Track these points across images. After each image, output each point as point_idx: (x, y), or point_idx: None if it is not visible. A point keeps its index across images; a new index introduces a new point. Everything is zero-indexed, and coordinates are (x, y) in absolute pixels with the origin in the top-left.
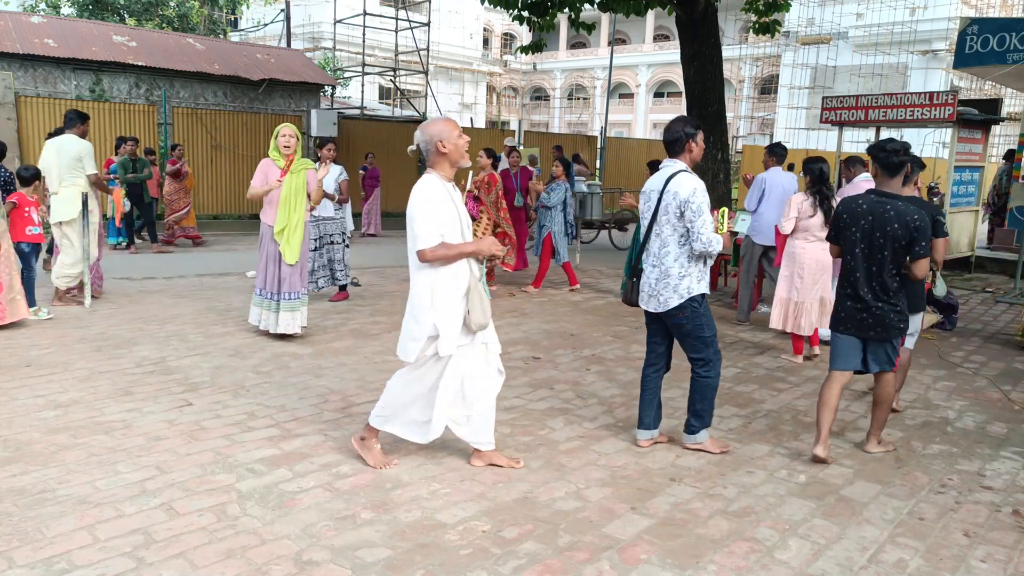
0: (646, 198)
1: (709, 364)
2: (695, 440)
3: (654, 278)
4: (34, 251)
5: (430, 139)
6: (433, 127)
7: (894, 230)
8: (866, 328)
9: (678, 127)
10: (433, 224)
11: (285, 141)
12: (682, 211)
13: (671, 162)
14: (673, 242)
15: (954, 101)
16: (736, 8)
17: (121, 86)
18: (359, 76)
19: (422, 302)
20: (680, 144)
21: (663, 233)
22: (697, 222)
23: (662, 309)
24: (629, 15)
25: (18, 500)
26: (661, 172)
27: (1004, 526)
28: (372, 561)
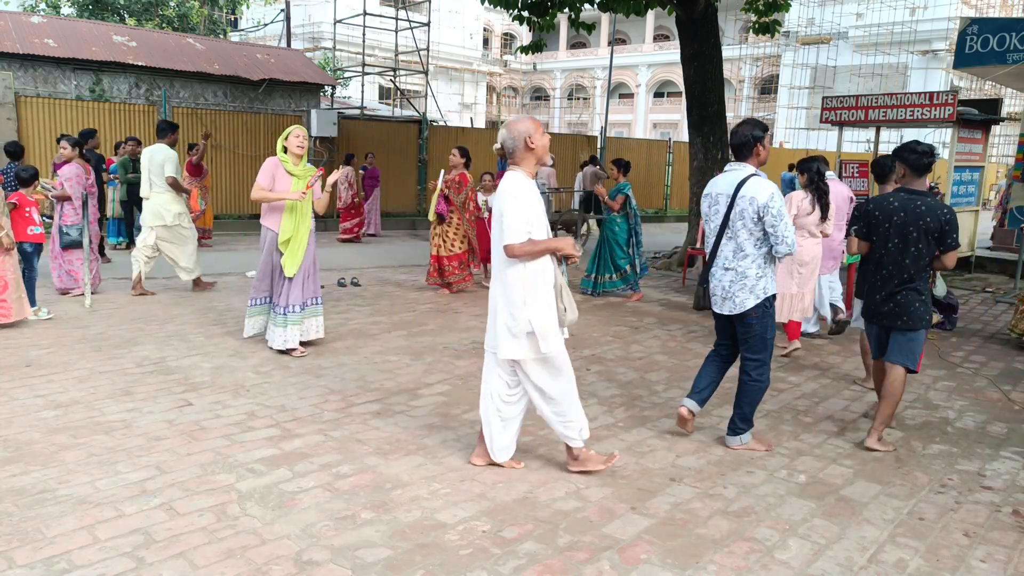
0: (711, 201)
1: (764, 367)
2: (741, 442)
3: (728, 281)
4: (36, 251)
5: (519, 135)
6: (521, 124)
7: (927, 224)
8: (894, 317)
9: (746, 131)
10: (522, 220)
11: (300, 142)
12: (760, 216)
13: (739, 165)
14: (749, 245)
15: (954, 101)
16: (736, 8)
17: (121, 86)
18: (359, 76)
19: (516, 298)
20: (748, 148)
21: (738, 237)
22: (780, 226)
23: (738, 311)
24: (629, 15)
25: (18, 500)
26: (729, 175)
27: (1004, 526)
28: (372, 561)
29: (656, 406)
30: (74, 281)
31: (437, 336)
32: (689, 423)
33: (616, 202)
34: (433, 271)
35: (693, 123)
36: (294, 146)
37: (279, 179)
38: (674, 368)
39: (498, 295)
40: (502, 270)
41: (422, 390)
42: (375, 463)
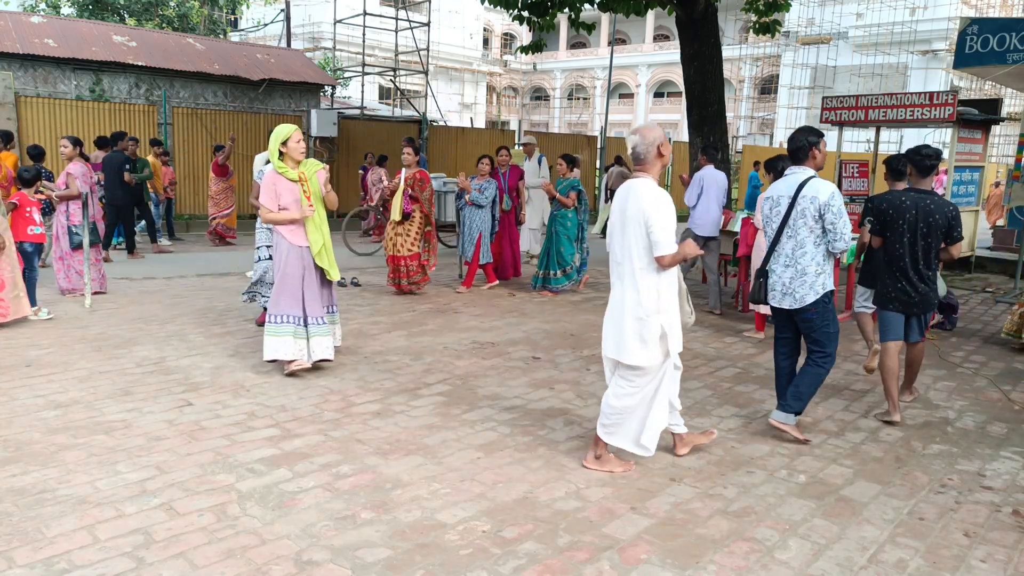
0: (773, 203)
1: (829, 358)
2: (785, 419)
3: (788, 277)
4: (36, 251)
5: (652, 143)
6: (653, 132)
7: (936, 220)
8: (912, 306)
9: (802, 136)
10: (672, 230)
11: (300, 147)
12: (821, 213)
13: (798, 169)
14: (809, 243)
15: (954, 101)
16: (736, 8)
17: (121, 86)
18: (359, 76)
19: (650, 305)
20: (804, 151)
21: (799, 235)
22: (839, 223)
23: (798, 305)
24: (629, 15)
25: (18, 500)
26: (789, 179)
27: (1004, 526)
28: (372, 561)
29: None
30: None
31: (437, 336)
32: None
33: (570, 199)
34: (391, 272)
35: (693, 123)
36: (296, 151)
37: (283, 192)
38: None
39: (626, 303)
40: (635, 278)
41: (422, 390)
42: (375, 463)
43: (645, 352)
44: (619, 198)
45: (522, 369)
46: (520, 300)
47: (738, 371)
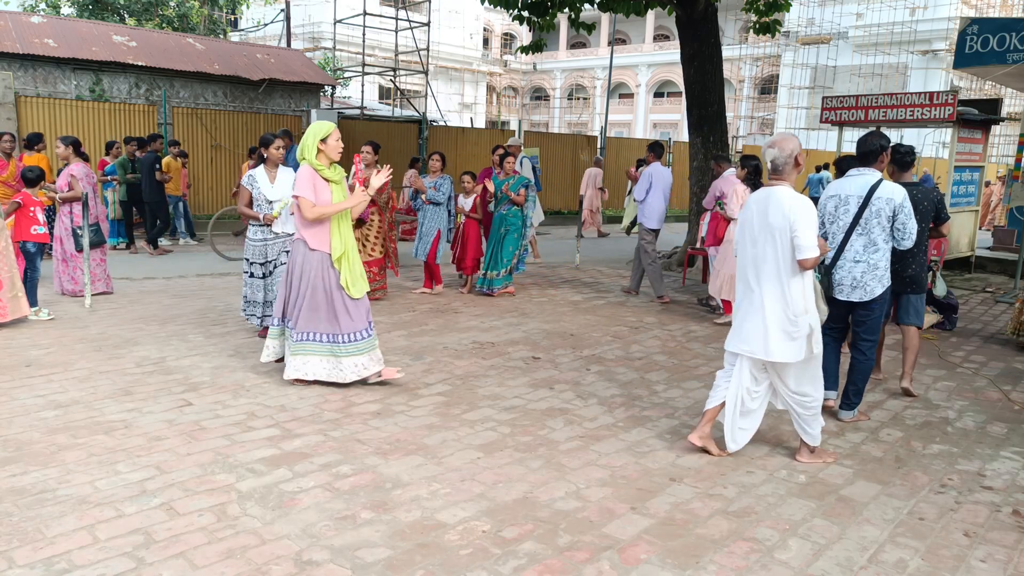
0: (840, 201)
1: (874, 346)
2: (853, 415)
3: (859, 271)
4: (39, 251)
5: (790, 153)
6: (791, 143)
7: (925, 207)
8: (905, 285)
9: (875, 140)
10: (815, 234)
11: (339, 146)
12: (895, 213)
13: (867, 170)
14: (881, 240)
15: (954, 101)
16: (736, 8)
17: (121, 86)
18: (359, 76)
19: (799, 306)
20: (876, 155)
21: (871, 233)
22: (909, 223)
23: (868, 297)
24: (629, 15)
25: (18, 500)
26: (858, 179)
27: (1004, 526)
28: (372, 561)
29: (656, 406)
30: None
31: (437, 336)
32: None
33: (520, 196)
34: None
35: (693, 123)
36: (334, 150)
37: (320, 189)
38: (674, 368)
39: (770, 304)
40: (782, 281)
41: (422, 390)
42: (375, 463)
43: (792, 349)
44: (757, 205)
45: (522, 369)
46: (520, 300)
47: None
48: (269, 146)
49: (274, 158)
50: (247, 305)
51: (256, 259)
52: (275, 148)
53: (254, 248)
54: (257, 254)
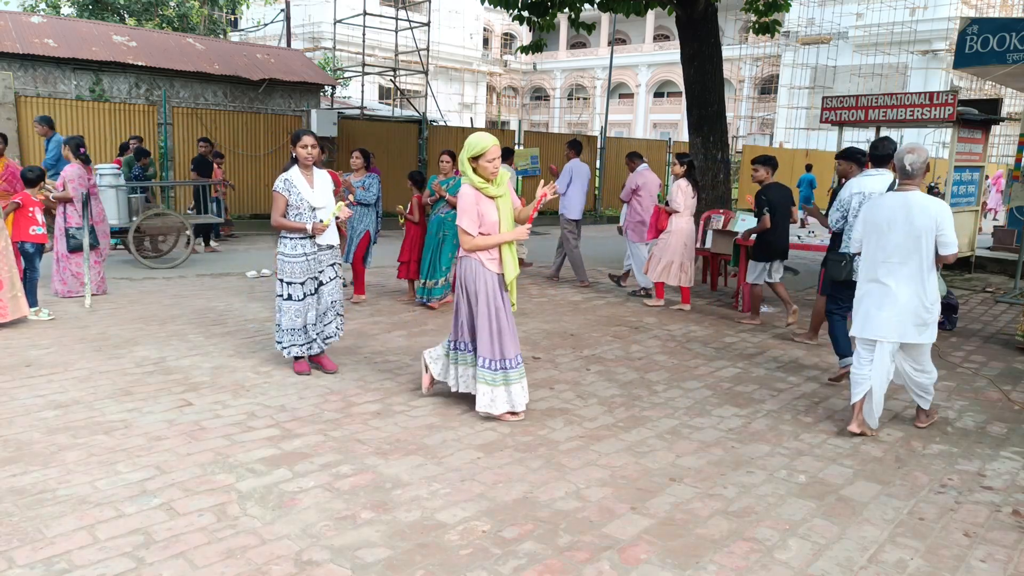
0: (865, 197)
1: None
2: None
3: None
4: (38, 251)
5: (924, 161)
6: (924, 152)
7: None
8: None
9: (888, 145)
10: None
11: (493, 166)
12: None
13: (884, 170)
14: None
15: (954, 101)
16: (736, 8)
17: (121, 86)
18: (359, 76)
19: (933, 296)
20: (889, 158)
21: None
22: None
23: None
24: (629, 15)
25: (18, 500)
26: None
27: (1004, 526)
28: (372, 561)
29: (656, 406)
30: (80, 285)
31: (437, 336)
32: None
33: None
34: None
35: (693, 123)
36: (488, 172)
37: (485, 211)
38: (674, 368)
39: (907, 295)
40: (923, 275)
41: (422, 390)
42: (375, 463)
43: (926, 334)
44: (895, 207)
45: None
46: (520, 300)
47: (738, 371)
48: (296, 144)
49: (303, 159)
50: (286, 335)
51: (298, 277)
52: (302, 147)
53: (295, 265)
54: (300, 271)
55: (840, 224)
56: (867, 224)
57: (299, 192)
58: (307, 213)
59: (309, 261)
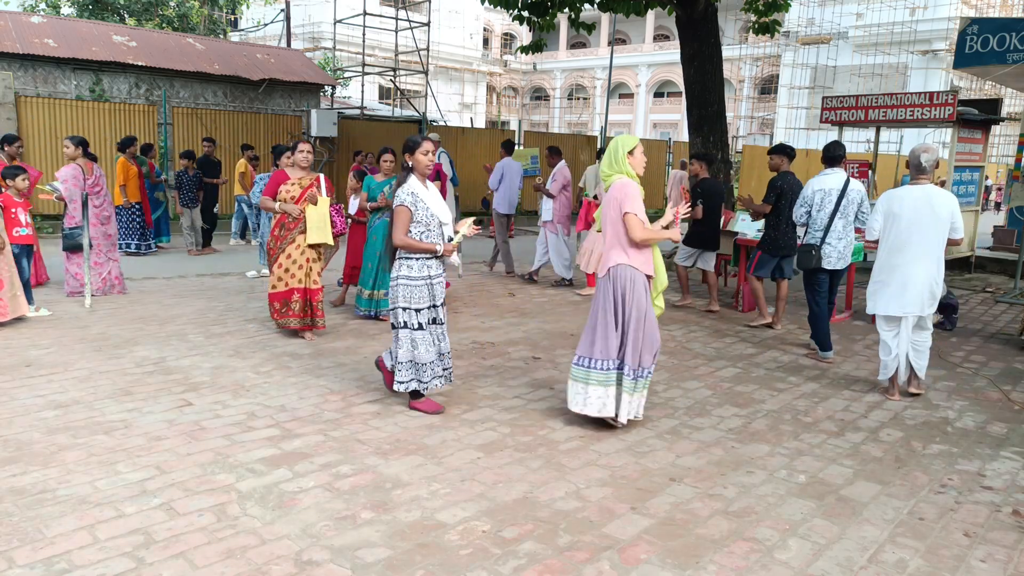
0: (825, 193)
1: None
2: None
3: (843, 246)
4: (24, 252)
5: (936, 158)
6: (936, 151)
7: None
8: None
9: (839, 149)
10: None
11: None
12: (861, 202)
13: (838, 169)
14: (853, 222)
15: (954, 101)
16: (736, 8)
17: (121, 86)
18: (359, 76)
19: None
20: (841, 159)
21: (848, 216)
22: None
23: (844, 266)
24: (629, 15)
25: (18, 500)
26: (832, 177)
27: (1004, 526)
28: (372, 561)
29: (656, 406)
30: (79, 285)
31: None
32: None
33: None
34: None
35: (693, 123)
36: (640, 165)
37: (642, 207)
38: (674, 368)
39: (926, 274)
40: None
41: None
42: (375, 463)
43: (935, 304)
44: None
45: (522, 369)
46: (520, 300)
47: (738, 371)
48: (416, 150)
49: (424, 168)
50: (421, 369)
51: (424, 303)
52: (423, 154)
53: (418, 290)
54: (424, 297)
55: (804, 218)
56: (889, 216)
57: (427, 206)
58: (436, 230)
59: (432, 286)
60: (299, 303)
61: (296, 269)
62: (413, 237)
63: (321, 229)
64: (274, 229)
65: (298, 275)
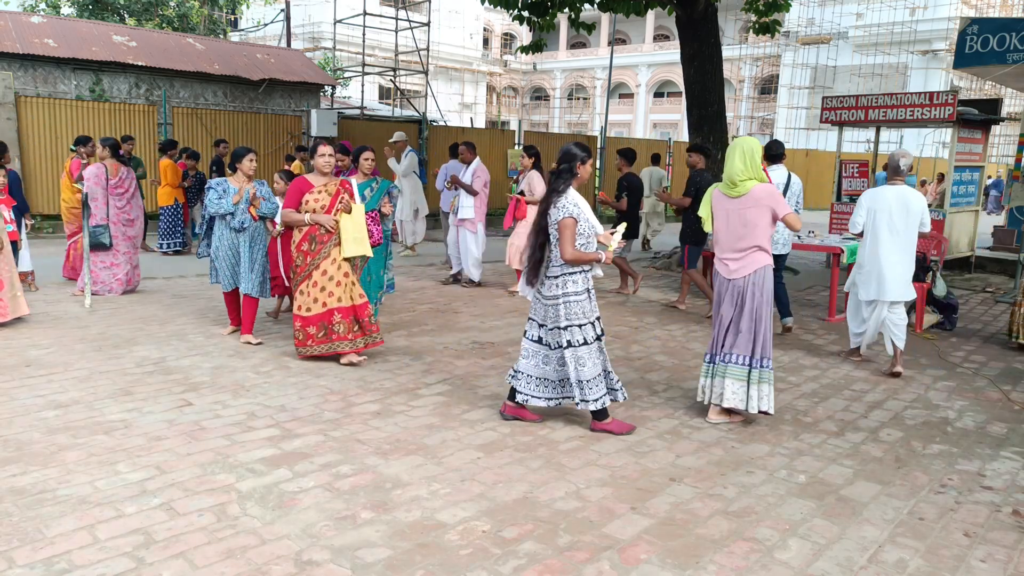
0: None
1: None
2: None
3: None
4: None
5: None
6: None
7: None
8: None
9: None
10: None
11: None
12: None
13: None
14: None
15: (954, 101)
16: (736, 8)
17: (121, 86)
18: (359, 76)
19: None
20: (782, 156)
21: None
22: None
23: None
24: (629, 15)
25: (18, 500)
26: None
27: (1004, 526)
28: (372, 561)
29: (656, 406)
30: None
31: (437, 336)
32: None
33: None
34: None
35: (693, 123)
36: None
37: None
38: (674, 368)
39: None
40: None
41: (422, 390)
42: (375, 463)
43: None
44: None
45: None
46: (520, 300)
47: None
48: (586, 162)
49: (584, 177)
50: (602, 379)
51: (592, 315)
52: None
53: (584, 304)
54: (590, 310)
55: None
56: (871, 211)
57: (587, 217)
58: (593, 241)
59: (591, 298)
60: (343, 324)
61: (334, 287)
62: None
63: (358, 240)
64: (300, 243)
65: (337, 292)
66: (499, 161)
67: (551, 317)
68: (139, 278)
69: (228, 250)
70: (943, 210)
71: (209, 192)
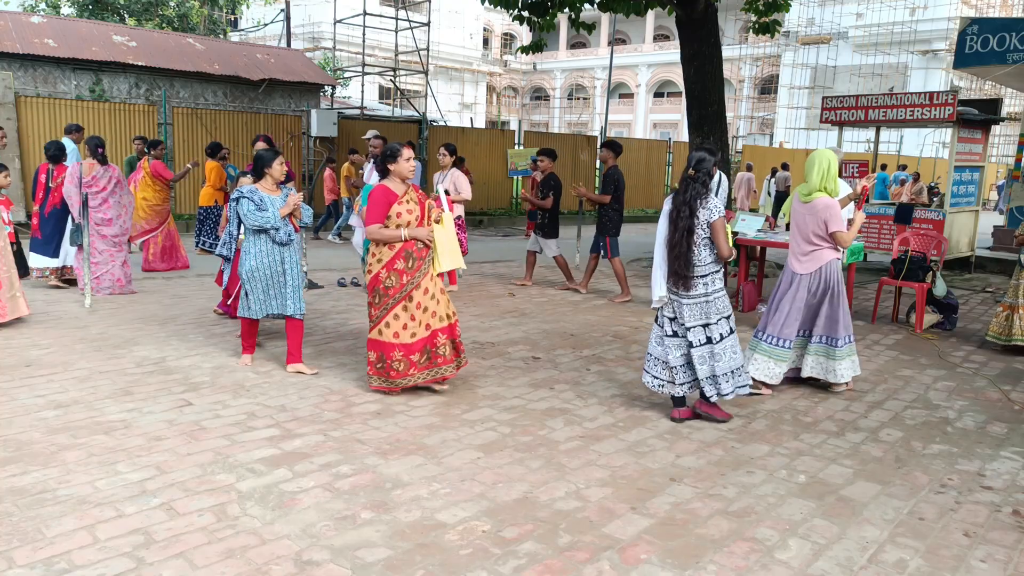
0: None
1: None
2: None
3: None
4: None
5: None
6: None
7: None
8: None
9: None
10: None
11: None
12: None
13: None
14: None
15: (954, 101)
16: (736, 8)
17: (121, 86)
18: (359, 76)
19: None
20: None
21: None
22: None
23: None
24: (629, 15)
25: (18, 500)
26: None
27: (1004, 526)
28: (372, 561)
29: (656, 406)
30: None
31: None
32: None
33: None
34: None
35: (693, 123)
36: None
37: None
38: None
39: None
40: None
41: (422, 390)
42: (375, 463)
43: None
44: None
45: (522, 369)
46: (520, 300)
47: None
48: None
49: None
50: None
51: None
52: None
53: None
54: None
55: None
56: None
57: None
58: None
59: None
60: (447, 345)
61: (436, 305)
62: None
63: (453, 252)
64: (393, 261)
65: (440, 311)
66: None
67: (695, 316)
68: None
69: (269, 268)
70: (943, 210)
71: (242, 203)
